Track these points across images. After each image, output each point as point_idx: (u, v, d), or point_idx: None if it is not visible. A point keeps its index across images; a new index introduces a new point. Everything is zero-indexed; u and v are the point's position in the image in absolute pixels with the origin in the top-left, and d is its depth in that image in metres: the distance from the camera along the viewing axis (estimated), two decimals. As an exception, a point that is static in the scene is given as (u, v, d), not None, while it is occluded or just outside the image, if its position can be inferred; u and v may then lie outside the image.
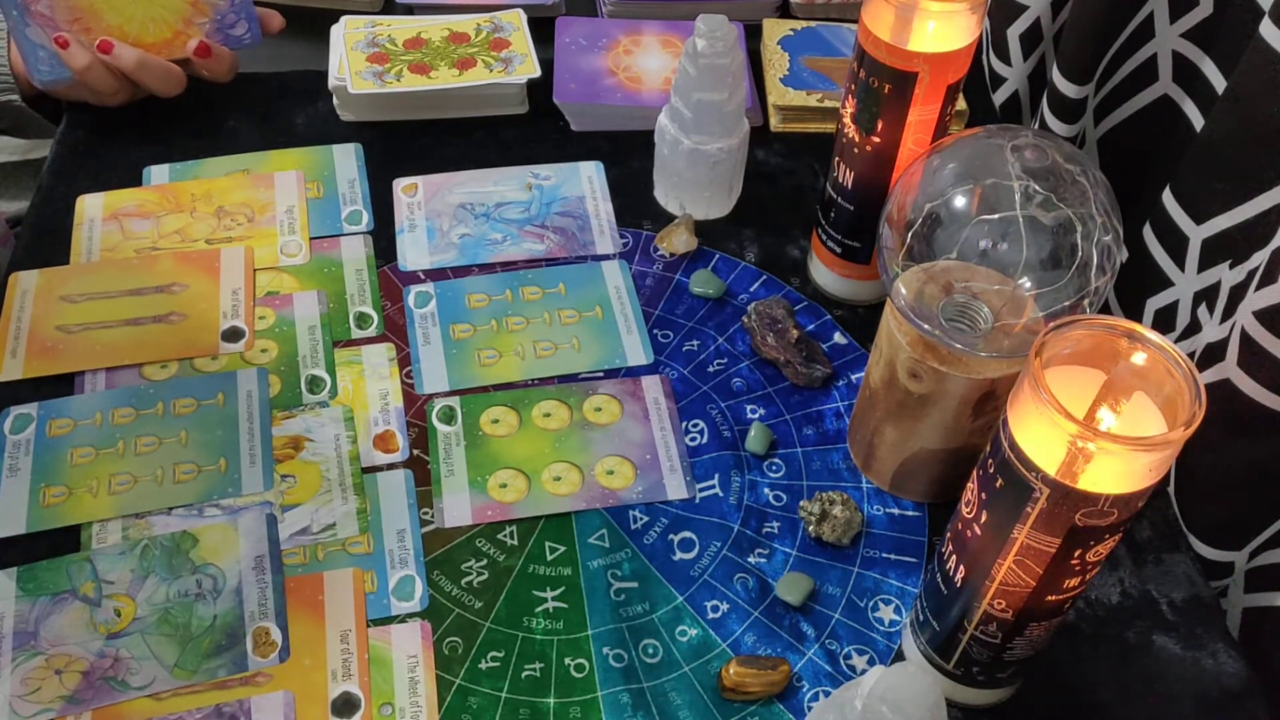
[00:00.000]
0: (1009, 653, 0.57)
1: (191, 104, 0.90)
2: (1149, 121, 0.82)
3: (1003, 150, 0.60)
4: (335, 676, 0.61)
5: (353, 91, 0.86)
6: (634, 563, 0.67)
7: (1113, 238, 0.60)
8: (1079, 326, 0.50)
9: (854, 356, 0.78)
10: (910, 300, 0.63)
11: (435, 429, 0.72)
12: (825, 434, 0.74)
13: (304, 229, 0.82)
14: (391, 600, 0.65)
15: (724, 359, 0.77)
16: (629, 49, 0.94)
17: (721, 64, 0.76)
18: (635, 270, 0.82)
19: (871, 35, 0.66)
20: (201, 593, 0.64)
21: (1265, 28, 0.63)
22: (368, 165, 0.87)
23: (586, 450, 0.72)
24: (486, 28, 0.92)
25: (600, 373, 0.76)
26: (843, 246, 0.78)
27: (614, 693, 0.62)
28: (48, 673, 0.60)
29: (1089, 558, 0.51)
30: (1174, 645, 0.66)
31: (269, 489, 0.68)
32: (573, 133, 0.91)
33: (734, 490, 0.71)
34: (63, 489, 0.67)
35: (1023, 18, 0.91)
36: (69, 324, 0.75)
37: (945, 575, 0.57)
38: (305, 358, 0.75)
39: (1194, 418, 0.46)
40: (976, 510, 0.53)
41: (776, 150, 0.91)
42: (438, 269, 0.81)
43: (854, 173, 0.73)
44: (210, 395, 0.72)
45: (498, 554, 0.67)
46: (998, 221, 0.60)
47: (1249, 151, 0.67)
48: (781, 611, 0.66)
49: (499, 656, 0.63)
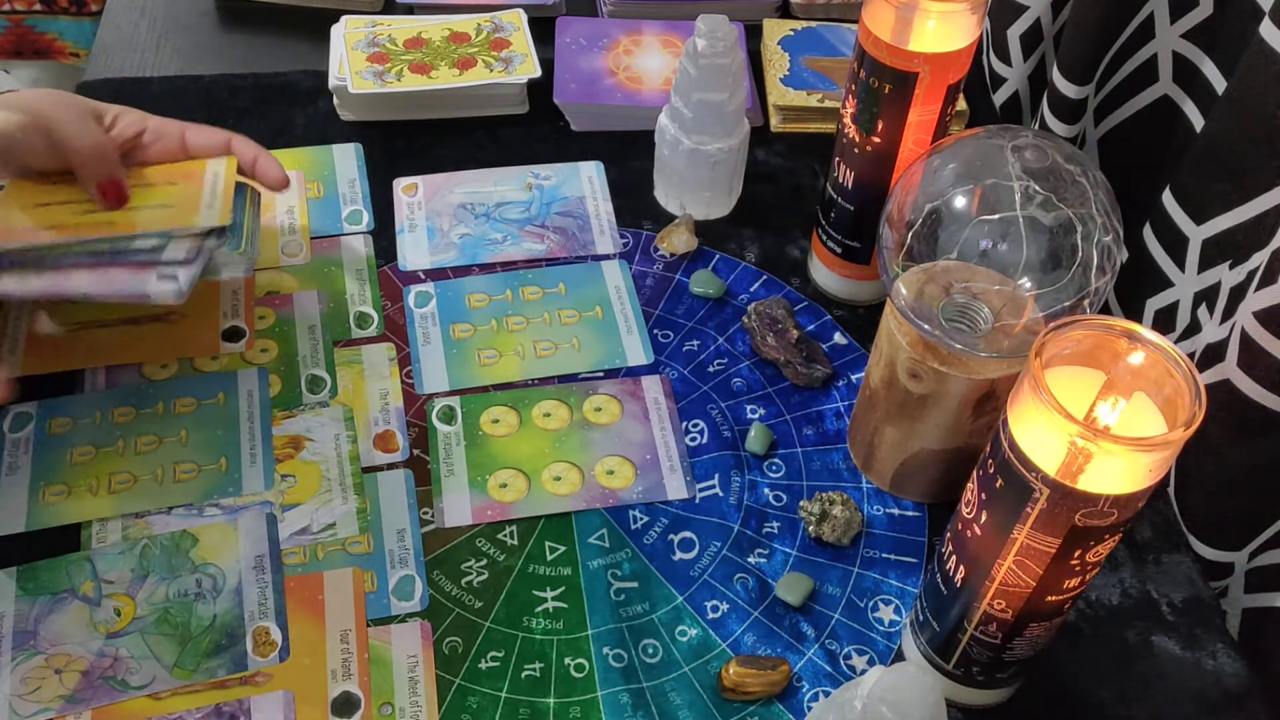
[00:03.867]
0: (1009, 653, 0.57)
1: (192, 104, 0.90)
2: (1149, 121, 0.82)
3: (1003, 150, 0.60)
4: (335, 676, 0.61)
5: (353, 91, 0.86)
6: (634, 563, 0.67)
7: (1113, 238, 0.60)
8: (1079, 327, 0.50)
9: (854, 356, 0.78)
10: (910, 300, 0.63)
11: (435, 429, 0.72)
12: (825, 434, 0.74)
13: (304, 229, 0.82)
14: (391, 600, 0.65)
15: (724, 359, 0.77)
16: (629, 49, 0.94)
17: (722, 64, 0.76)
18: (635, 270, 0.82)
19: (872, 35, 0.66)
20: (201, 592, 0.64)
21: (1265, 28, 0.63)
22: (368, 165, 0.87)
23: (586, 450, 0.72)
24: (487, 28, 0.92)
25: (600, 373, 0.76)
26: (843, 246, 0.78)
27: (614, 693, 0.62)
28: (47, 672, 0.60)
29: (1089, 558, 0.51)
30: (1174, 645, 0.66)
31: (269, 489, 0.68)
32: (573, 133, 0.91)
33: (734, 490, 0.71)
34: (62, 488, 0.67)
35: (1023, 18, 0.91)
36: (69, 323, 0.75)
37: (945, 575, 0.57)
38: (305, 357, 0.75)
39: (1194, 418, 0.46)
40: (976, 510, 0.53)
41: (776, 150, 0.91)
42: (438, 269, 0.81)
43: (854, 173, 0.73)
44: (210, 395, 0.72)
45: (498, 554, 0.67)
46: (998, 222, 0.60)
47: (1249, 151, 0.67)
48: (781, 611, 0.66)
49: (499, 656, 0.63)
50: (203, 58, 0.96)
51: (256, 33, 0.99)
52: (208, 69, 0.94)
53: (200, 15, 1.00)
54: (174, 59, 0.95)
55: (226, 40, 0.98)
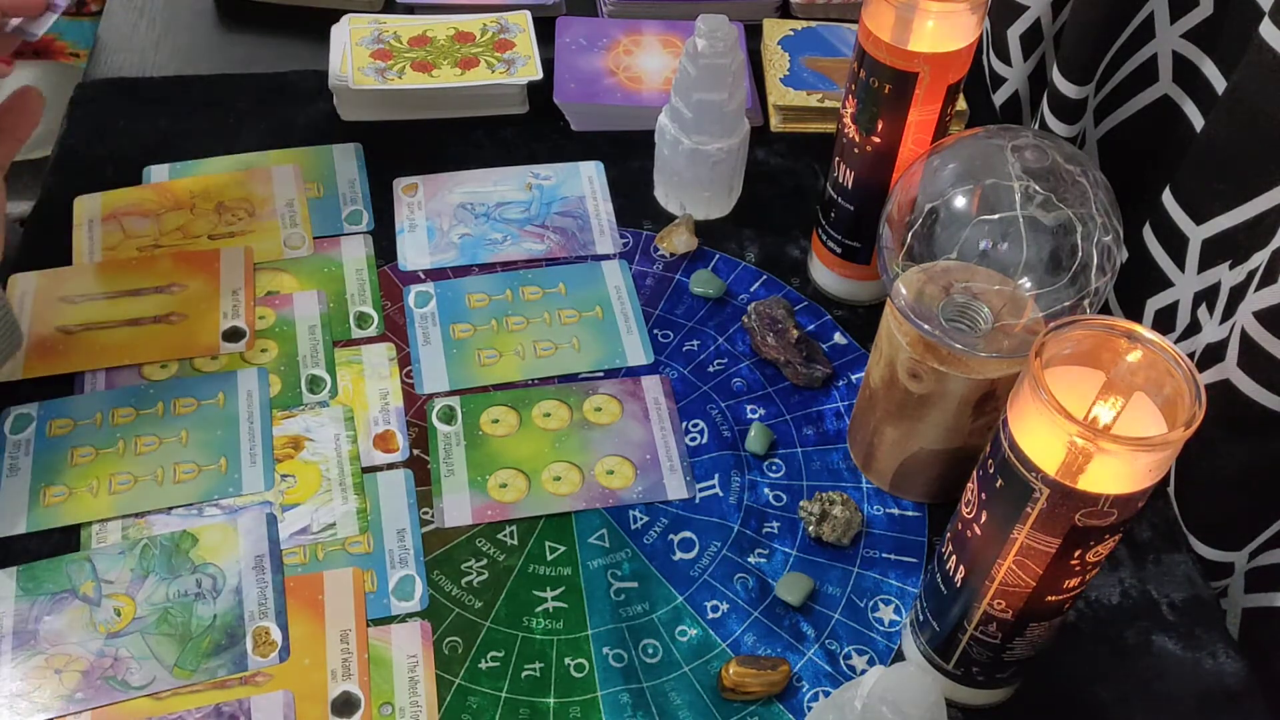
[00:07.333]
0: (1009, 653, 0.57)
1: (192, 104, 0.90)
2: (1149, 121, 0.82)
3: (1003, 150, 0.60)
4: (335, 676, 0.61)
5: (354, 87, 0.86)
6: (634, 563, 0.67)
7: (1113, 238, 0.60)
8: (1079, 326, 0.50)
9: (854, 356, 0.78)
10: (910, 300, 0.63)
11: (435, 429, 0.72)
12: (825, 434, 0.74)
13: (305, 221, 0.82)
14: (391, 600, 0.65)
15: (724, 359, 0.77)
16: (629, 49, 0.94)
17: (722, 64, 0.76)
18: (635, 270, 0.82)
19: (872, 35, 0.66)
20: (201, 592, 0.64)
21: (1265, 28, 0.63)
22: (368, 165, 0.87)
23: (586, 450, 0.72)
24: (492, 28, 0.92)
25: (600, 373, 0.76)
26: (843, 246, 0.78)
27: (614, 693, 0.62)
28: (48, 672, 0.60)
29: (1089, 558, 0.51)
30: (1174, 645, 0.66)
31: (269, 489, 0.68)
32: (573, 133, 0.91)
33: (734, 490, 0.71)
34: (63, 489, 0.67)
35: (1023, 18, 0.91)
36: (69, 324, 0.75)
37: (945, 575, 0.57)
38: (305, 357, 0.75)
39: (1194, 418, 0.46)
40: (976, 510, 0.53)
41: (776, 150, 0.91)
42: (438, 269, 0.81)
43: (854, 173, 0.73)
44: (210, 395, 0.72)
45: (498, 554, 0.67)
46: (998, 222, 0.60)
47: (1249, 151, 0.67)
48: (781, 611, 0.66)
49: (499, 656, 0.63)
50: (203, 58, 0.96)
51: (256, 33, 0.99)
52: (208, 69, 0.94)
53: (200, 15, 1.00)
54: (174, 58, 0.95)
55: (226, 40, 0.98)
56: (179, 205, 0.82)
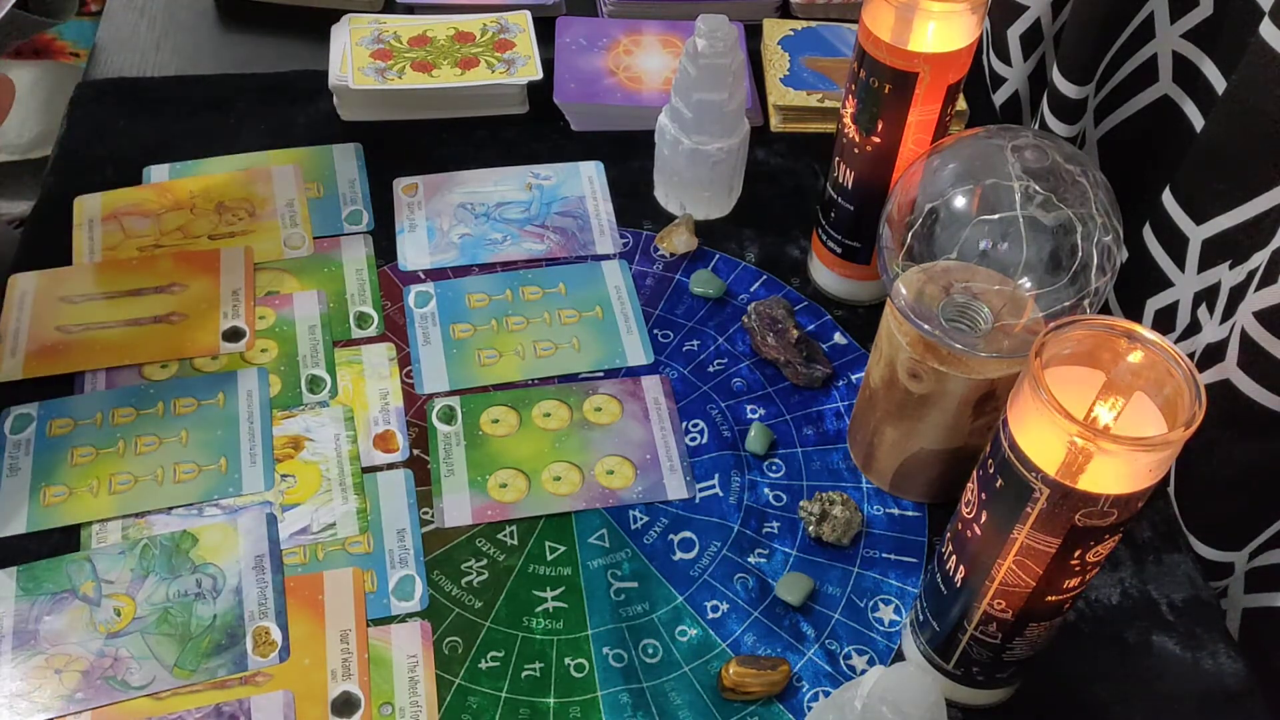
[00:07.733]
0: (1009, 653, 0.57)
1: (192, 104, 0.90)
2: (1149, 121, 0.82)
3: (1003, 150, 0.60)
4: (335, 676, 0.61)
5: (354, 87, 0.86)
6: (634, 563, 0.67)
7: (1113, 238, 0.60)
8: (1079, 326, 0.50)
9: (854, 356, 0.78)
10: (910, 300, 0.63)
11: (435, 429, 0.72)
12: (825, 434, 0.74)
13: (305, 221, 0.82)
14: (391, 600, 0.65)
15: (724, 359, 0.77)
16: (629, 49, 0.94)
17: (722, 64, 0.76)
18: (635, 270, 0.82)
19: (872, 35, 0.66)
20: (201, 592, 0.64)
21: (1265, 28, 0.63)
22: (368, 165, 0.87)
23: (586, 450, 0.72)
24: (493, 28, 0.92)
25: (600, 373, 0.76)
26: (843, 246, 0.78)
27: (614, 693, 0.62)
28: (48, 672, 0.60)
29: (1089, 558, 0.51)
30: (1174, 645, 0.66)
31: (269, 489, 0.68)
32: (573, 133, 0.91)
33: (734, 490, 0.71)
34: (63, 489, 0.67)
35: (1023, 18, 0.91)
36: (69, 324, 0.75)
37: (945, 575, 0.57)
38: (305, 357, 0.75)
39: (1194, 418, 0.46)
40: (976, 510, 0.53)
41: (776, 150, 0.91)
42: (438, 269, 0.81)
43: (854, 173, 0.73)
44: (210, 395, 0.72)
45: (498, 554, 0.67)
46: (998, 222, 0.60)
47: (1249, 151, 0.67)
48: (781, 611, 0.66)
49: (499, 656, 0.63)
50: (202, 58, 0.96)
51: (256, 33, 0.99)
52: (207, 69, 0.94)
53: (200, 15, 1.00)
54: (174, 59, 0.95)
55: (226, 40, 0.98)
56: (179, 205, 0.82)
